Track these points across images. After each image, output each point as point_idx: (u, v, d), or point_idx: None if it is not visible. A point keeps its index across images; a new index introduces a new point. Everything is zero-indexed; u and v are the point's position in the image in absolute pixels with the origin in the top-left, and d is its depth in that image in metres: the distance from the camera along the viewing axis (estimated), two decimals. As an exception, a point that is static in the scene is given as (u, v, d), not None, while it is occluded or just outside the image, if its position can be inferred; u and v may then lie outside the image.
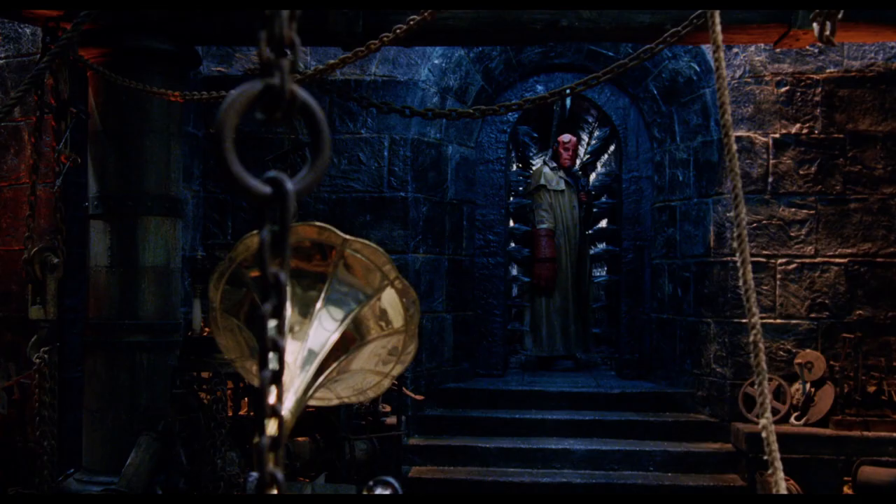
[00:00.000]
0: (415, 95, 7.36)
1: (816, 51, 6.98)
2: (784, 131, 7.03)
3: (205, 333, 6.03)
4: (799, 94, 7.03)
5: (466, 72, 7.90)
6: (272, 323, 1.07)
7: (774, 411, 6.70)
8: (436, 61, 7.54)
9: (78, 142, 5.81)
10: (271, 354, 1.08)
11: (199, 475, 5.52)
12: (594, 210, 9.72)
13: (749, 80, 7.08)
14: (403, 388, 6.31)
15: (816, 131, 7.00)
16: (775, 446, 2.70)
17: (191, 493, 5.73)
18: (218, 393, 5.45)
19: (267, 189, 1.04)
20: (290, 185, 1.04)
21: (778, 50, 6.81)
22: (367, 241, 2.27)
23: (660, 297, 8.13)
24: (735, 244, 3.38)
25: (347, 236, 2.23)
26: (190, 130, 7.01)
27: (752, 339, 2.68)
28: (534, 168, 9.76)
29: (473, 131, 8.39)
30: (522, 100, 5.26)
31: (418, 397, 6.59)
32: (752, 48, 7.04)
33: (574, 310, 9.40)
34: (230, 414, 5.72)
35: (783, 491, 2.97)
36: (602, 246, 9.59)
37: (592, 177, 9.97)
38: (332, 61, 4.49)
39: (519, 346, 9.81)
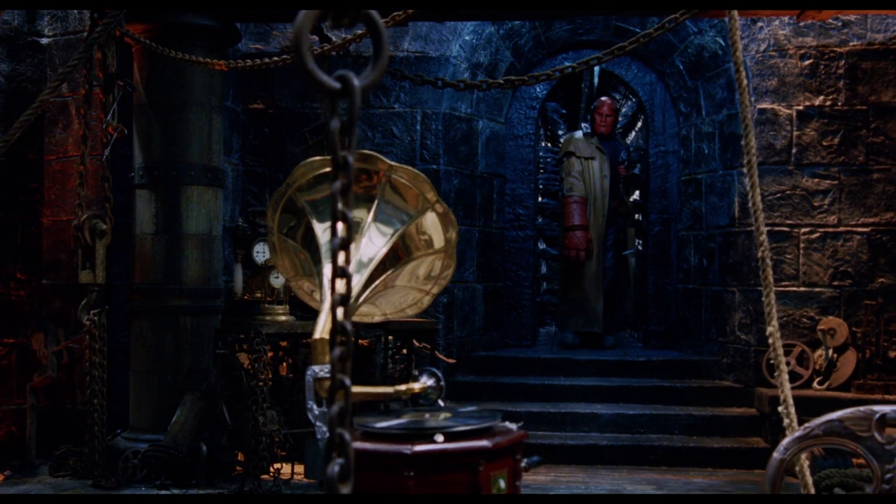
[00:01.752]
0: (446, 71, 7.54)
1: (840, 24, 7.10)
2: (808, 103, 7.16)
3: (245, 298, 6.28)
4: (822, 66, 7.16)
5: (496, 48, 8.08)
6: (340, 199, 1.29)
7: (797, 376, 6.86)
8: (466, 37, 7.73)
9: (123, 114, 6.06)
10: (340, 225, 1.29)
11: (242, 432, 5.77)
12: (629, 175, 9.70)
13: (773, 53, 7.22)
14: (437, 353, 6.54)
15: (840, 103, 7.13)
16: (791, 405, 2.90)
17: (233, 448, 5.99)
18: (259, 353, 5.69)
19: (337, 84, 1.26)
20: (356, 81, 1.25)
21: (801, 23, 6.95)
22: (410, 168, 2.49)
23: (686, 268, 8.29)
24: (754, 216, 3.57)
25: (393, 163, 2.45)
26: (229, 105, 7.24)
27: (767, 314, 2.88)
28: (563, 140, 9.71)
29: (503, 107, 8.57)
30: (552, 69, 5.46)
31: (451, 360, 6.80)
32: (777, 22, 7.17)
33: (603, 283, 9.35)
34: (270, 375, 5.96)
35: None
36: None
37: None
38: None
39: (548, 319, 9.97)
